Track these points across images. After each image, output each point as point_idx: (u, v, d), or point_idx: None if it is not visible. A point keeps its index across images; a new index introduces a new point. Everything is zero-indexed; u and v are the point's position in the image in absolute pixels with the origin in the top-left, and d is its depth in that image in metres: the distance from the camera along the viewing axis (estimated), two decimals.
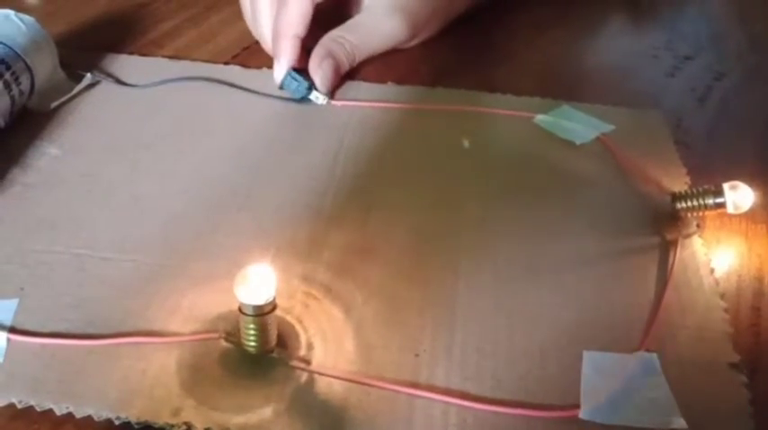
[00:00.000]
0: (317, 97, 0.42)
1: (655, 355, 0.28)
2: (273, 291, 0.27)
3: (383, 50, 0.46)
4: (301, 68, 0.43)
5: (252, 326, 0.27)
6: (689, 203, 0.34)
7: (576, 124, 0.42)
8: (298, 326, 0.29)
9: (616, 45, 0.53)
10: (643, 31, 0.55)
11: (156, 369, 0.27)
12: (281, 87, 0.43)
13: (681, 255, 0.33)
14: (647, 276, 0.32)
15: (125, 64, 0.46)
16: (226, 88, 0.44)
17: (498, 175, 0.38)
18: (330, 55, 0.42)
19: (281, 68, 0.43)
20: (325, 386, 0.27)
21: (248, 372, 0.27)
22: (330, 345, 0.29)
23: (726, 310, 0.30)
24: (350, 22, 0.45)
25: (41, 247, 0.32)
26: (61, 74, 0.43)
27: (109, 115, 0.42)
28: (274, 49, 0.43)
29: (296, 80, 0.42)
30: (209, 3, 0.55)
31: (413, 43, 0.47)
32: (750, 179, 0.35)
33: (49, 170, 0.37)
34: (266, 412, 0.26)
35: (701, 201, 0.34)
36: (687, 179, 0.38)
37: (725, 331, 0.30)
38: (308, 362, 0.28)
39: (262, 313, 0.27)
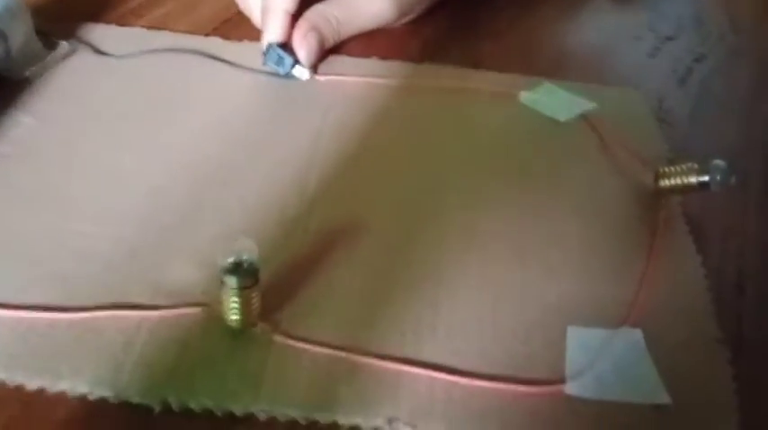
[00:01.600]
0: (302, 72, 0.42)
1: (639, 331, 0.28)
2: (257, 266, 0.26)
3: (369, 29, 0.45)
4: (285, 43, 0.42)
5: (234, 299, 0.26)
6: (672, 181, 0.34)
7: (560, 102, 0.42)
8: (281, 301, 0.29)
9: (599, 25, 0.53)
10: (626, 11, 0.55)
11: (138, 344, 0.27)
12: (265, 63, 0.42)
13: (664, 233, 0.33)
14: (630, 254, 0.32)
15: (103, 33, 0.45)
16: (207, 61, 0.43)
17: (484, 152, 0.38)
18: (315, 29, 0.42)
19: (266, 43, 0.42)
20: (308, 361, 0.27)
21: (231, 347, 0.27)
22: (314, 321, 0.28)
23: (709, 289, 0.31)
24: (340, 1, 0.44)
25: (17, 220, 0.32)
26: (37, 42, 0.42)
27: (86, 85, 0.40)
28: (263, 24, 0.42)
29: (280, 55, 0.41)
30: None
31: (400, 23, 0.47)
32: (732, 158, 0.35)
33: (24, 140, 0.36)
34: (249, 388, 0.26)
35: (684, 180, 0.34)
36: (669, 157, 0.38)
37: (708, 308, 0.30)
38: (291, 336, 0.27)
39: (244, 287, 0.26)
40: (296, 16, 0.43)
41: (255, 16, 0.45)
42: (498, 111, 0.41)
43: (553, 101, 0.41)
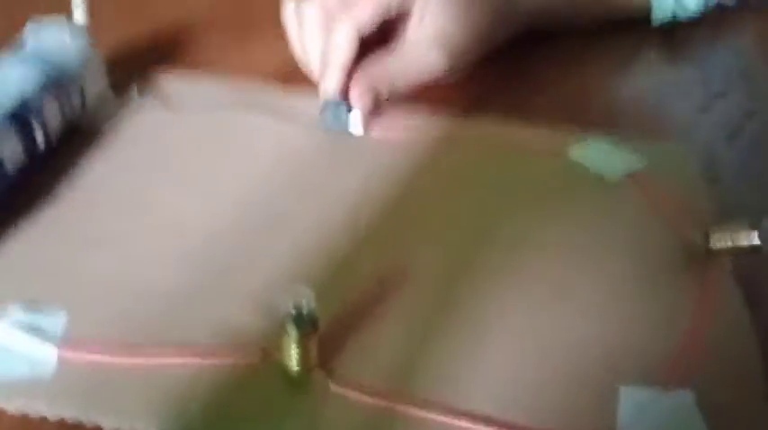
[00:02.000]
0: (356, 128, 0.43)
1: (690, 393, 0.28)
2: (316, 315, 0.28)
3: (422, 82, 0.46)
4: (345, 99, 0.44)
5: (295, 347, 0.28)
6: (722, 243, 0.35)
7: (608, 158, 0.42)
8: (334, 348, 0.30)
9: (649, 79, 0.54)
10: (676, 66, 0.56)
11: (202, 387, 0.28)
12: (322, 119, 0.44)
13: (713, 290, 0.33)
14: (679, 311, 0.33)
15: (170, 84, 0.47)
16: (266, 113, 0.45)
17: (529, 206, 0.39)
18: (372, 88, 0.43)
19: (325, 97, 0.44)
20: (361, 410, 0.28)
21: (289, 393, 0.28)
22: (366, 369, 0.29)
23: (760, 347, 0.31)
24: (396, 52, 0.46)
25: (89, 263, 0.34)
26: (109, 93, 0.44)
27: (154, 135, 0.43)
28: (321, 78, 0.44)
29: (335, 111, 0.43)
30: (253, 26, 0.56)
31: (450, 78, 0.48)
32: None
33: (95, 188, 0.38)
34: None
35: (735, 242, 0.34)
36: (719, 217, 0.38)
37: (759, 368, 0.30)
38: (345, 385, 0.28)
39: (304, 335, 0.28)
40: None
41: (315, 72, 0.47)
42: (545, 166, 0.42)
43: (601, 157, 0.42)
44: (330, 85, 0.43)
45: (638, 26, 0.57)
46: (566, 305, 0.33)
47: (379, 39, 0.47)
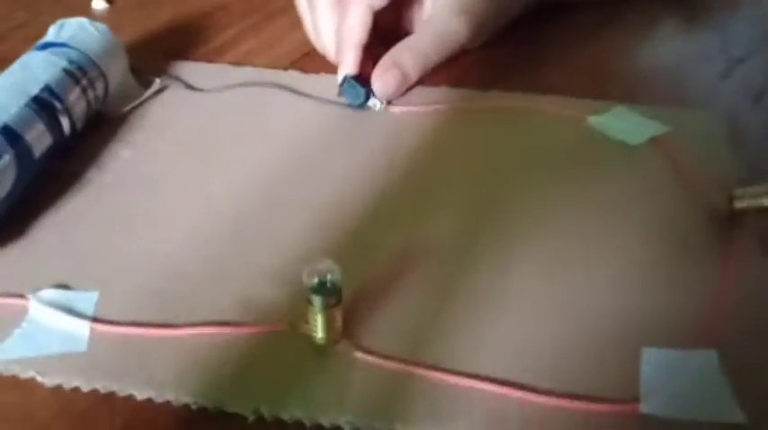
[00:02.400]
0: (375, 104, 0.44)
1: (714, 352, 0.28)
2: (339, 286, 0.28)
3: (450, 55, 0.46)
4: (363, 75, 0.44)
5: (320, 318, 0.28)
6: (746, 203, 0.34)
7: (630, 125, 0.42)
8: (360, 319, 0.30)
9: (668, 46, 0.53)
10: (695, 32, 0.55)
11: (232, 359, 0.29)
12: (342, 94, 0.44)
13: (738, 253, 0.33)
14: (704, 274, 0.32)
15: (190, 70, 0.48)
16: (285, 93, 0.46)
17: (552, 176, 0.39)
18: (396, 65, 0.43)
19: (342, 75, 0.44)
20: (388, 376, 0.28)
21: (316, 362, 0.29)
22: (392, 338, 0.30)
23: None
24: (420, 31, 0.46)
25: (119, 244, 0.34)
26: (131, 79, 0.45)
27: (176, 119, 0.44)
28: (338, 57, 0.44)
29: (354, 87, 0.43)
30: (268, 12, 0.57)
31: (474, 45, 0.48)
32: None
33: (123, 171, 0.39)
34: (335, 401, 0.27)
35: (759, 201, 0.34)
36: (743, 179, 0.38)
37: None
38: (371, 353, 0.29)
39: (329, 305, 0.28)
40: (375, 49, 0.45)
41: (330, 52, 0.47)
42: (567, 135, 0.42)
43: (623, 124, 0.42)
44: (347, 62, 0.44)
45: None
46: (589, 270, 0.33)
47: (390, 18, 0.47)
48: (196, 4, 0.59)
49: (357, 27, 0.43)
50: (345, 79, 0.44)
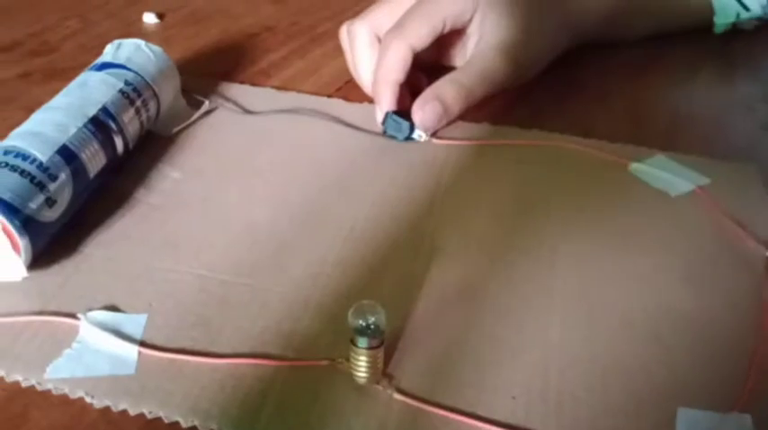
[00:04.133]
0: (420, 135, 0.44)
1: (749, 417, 0.29)
2: (383, 328, 0.29)
3: (494, 92, 0.47)
4: (404, 109, 0.45)
5: (363, 358, 0.29)
6: None
7: (672, 175, 0.42)
8: (400, 359, 0.31)
9: (711, 93, 0.53)
10: (738, 80, 0.55)
11: (274, 392, 0.29)
12: (384, 130, 0.45)
13: None
14: (743, 333, 0.33)
15: (237, 92, 0.49)
16: (331, 121, 0.47)
17: (591, 220, 0.39)
18: (437, 98, 0.44)
19: (381, 112, 0.45)
20: (425, 420, 0.29)
21: (356, 401, 0.29)
22: (430, 379, 0.30)
23: None
24: (463, 67, 0.47)
25: (166, 266, 0.35)
26: (182, 101, 0.46)
27: (223, 141, 0.45)
28: (374, 95, 0.45)
29: (397, 122, 0.44)
30: (314, 35, 0.58)
31: (516, 84, 0.49)
32: None
33: (171, 192, 0.40)
34: None
35: None
36: None
37: None
38: (410, 395, 0.29)
39: (372, 347, 0.29)
40: (416, 81, 0.46)
41: (366, 86, 0.48)
42: (608, 179, 0.43)
43: (665, 173, 0.42)
44: (385, 100, 0.45)
45: (698, 36, 0.57)
46: (629, 322, 0.33)
47: (432, 53, 0.48)
48: (244, 24, 0.60)
49: (396, 66, 0.44)
50: (387, 115, 0.44)
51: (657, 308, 0.34)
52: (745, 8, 0.56)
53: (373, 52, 0.46)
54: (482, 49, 0.47)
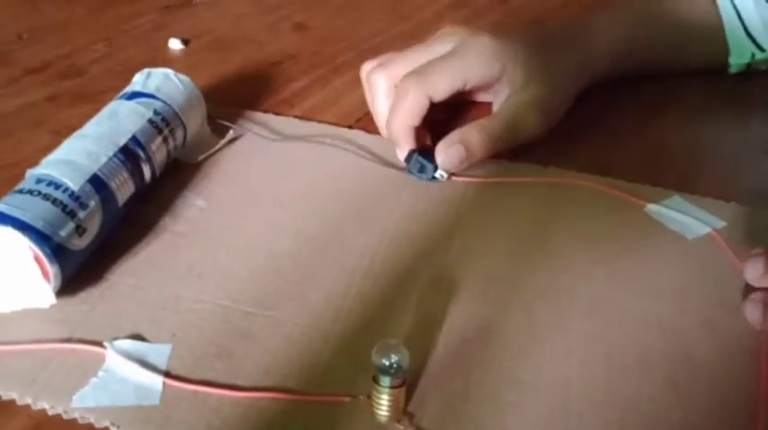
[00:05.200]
0: (442, 175, 0.45)
1: None
2: (406, 367, 0.29)
3: (519, 144, 0.48)
4: (422, 144, 0.46)
5: (385, 397, 0.29)
6: None
7: (688, 217, 0.43)
8: (420, 398, 0.31)
9: (727, 135, 0.54)
10: (755, 122, 0.56)
11: (295, 427, 0.30)
12: (409, 170, 0.45)
13: None
14: (756, 380, 0.33)
15: (261, 121, 0.50)
16: (352, 153, 0.47)
17: (608, 261, 0.40)
18: (462, 141, 0.45)
19: (402, 153, 0.46)
20: None
21: None
22: (450, 419, 0.31)
23: None
24: (493, 116, 0.47)
25: (190, 295, 0.36)
26: (207, 129, 0.47)
27: (247, 170, 0.45)
28: (391, 137, 0.46)
29: (421, 163, 0.45)
30: (335, 65, 0.59)
31: (544, 136, 0.49)
32: None
33: (195, 221, 0.41)
34: None
35: None
36: None
37: None
38: None
39: (395, 386, 0.29)
40: (435, 116, 0.46)
41: (381, 125, 0.48)
42: (624, 220, 0.43)
43: (681, 215, 0.43)
44: (402, 142, 0.45)
45: (713, 76, 0.58)
46: (647, 374, 0.33)
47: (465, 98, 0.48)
48: (267, 52, 0.61)
49: (412, 113, 0.45)
50: (412, 155, 0.45)
51: (674, 354, 0.34)
52: (761, 49, 0.56)
53: (391, 98, 0.47)
54: (513, 104, 0.47)
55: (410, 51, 0.48)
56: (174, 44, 0.61)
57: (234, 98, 0.53)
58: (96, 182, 0.36)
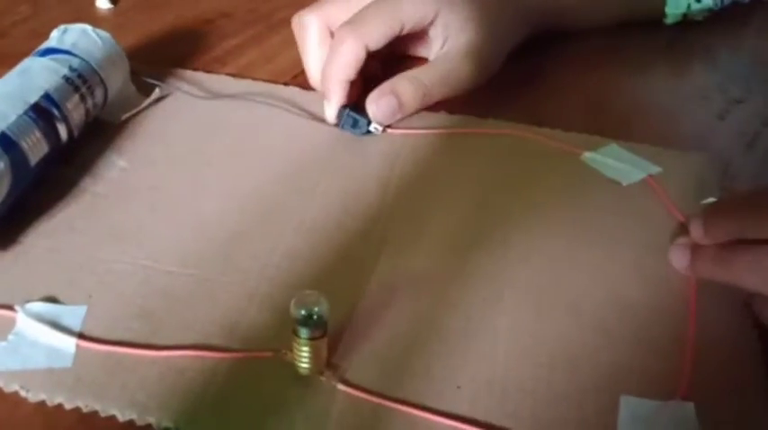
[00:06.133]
0: (376, 128, 0.44)
1: (691, 405, 0.29)
2: (326, 318, 0.28)
3: (455, 94, 0.46)
4: (354, 100, 0.44)
5: (305, 349, 0.28)
6: None
7: (624, 164, 0.42)
8: (345, 350, 0.31)
9: (666, 84, 0.54)
10: (693, 71, 0.56)
11: (215, 384, 0.29)
12: (341, 126, 0.44)
13: (711, 300, 0.34)
14: (686, 322, 0.33)
15: (191, 79, 0.48)
16: (284, 111, 0.46)
17: (543, 210, 0.39)
18: (393, 92, 0.43)
19: (331, 109, 0.44)
20: (369, 411, 0.28)
21: (299, 392, 0.29)
22: (375, 370, 0.30)
23: (763, 362, 0.31)
24: (427, 66, 0.46)
25: (110, 257, 0.35)
26: (131, 87, 0.45)
27: (174, 129, 0.44)
28: (324, 90, 0.44)
29: (354, 118, 0.44)
30: (271, 23, 0.57)
31: (479, 85, 0.48)
32: None
33: (117, 181, 0.39)
34: None
35: None
36: None
37: (760, 377, 0.30)
38: (354, 386, 0.29)
39: (314, 337, 0.28)
40: (369, 70, 0.45)
41: (313, 79, 0.47)
42: (561, 168, 0.42)
43: (617, 162, 0.42)
44: (335, 97, 0.44)
45: (650, 27, 0.57)
46: (576, 311, 0.33)
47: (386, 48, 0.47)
48: (200, 10, 0.59)
49: (349, 64, 0.43)
50: (344, 111, 0.44)
51: (605, 297, 0.34)
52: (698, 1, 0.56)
53: (324, 46, 0.45)
54: (446, 52, 0.46)
55: None
56: (102, 3, 0.58)
57: (163, 57, 0.51)
58: (4, 141, 0.34)
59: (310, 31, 0.45)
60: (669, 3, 0.56)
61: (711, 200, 0.37)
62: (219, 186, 0.40)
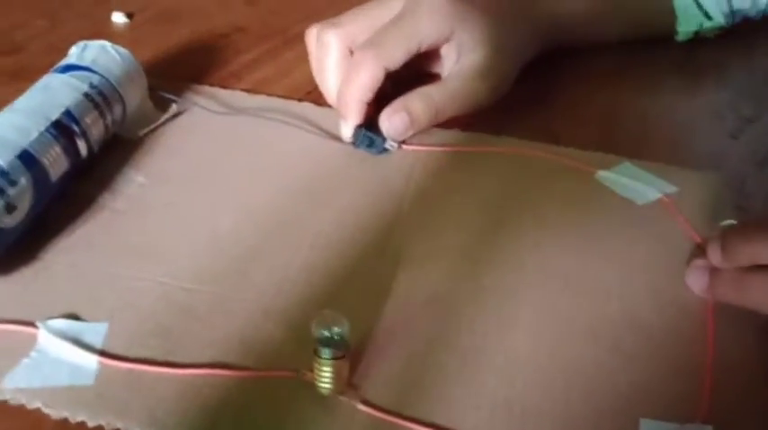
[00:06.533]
0: (391, 146, 0.44)
1: (710, 428, 0.29)
2: (347, 338, 0.29)
3: (466, 112, 0.47)
4: (368, 118, 0.45)
5: (327, 369, 0.29)
6: None
7: (638, 183, 0.42)
8: (364, 370, 0.31)
9: (679, 102, 0.54)
10: (706, 88, 0.56)
11: (233, 403, 0.29)
12: (357, 146, 0.44)
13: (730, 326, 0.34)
14: (703, 344, 0.33)
15: (206, 94, 0.49)
16: (300, 126, 0.46)
17: (557, 229, 0.39)
18: (405, 109, 0.44)
19: (347, 128, 0.44)
20: None
21: (319, 413, 0.29)
22: (394, 390, 0.30)
23: None
24: (439, 83, 0.46)
25: (128, 274, 0.35)
26: (149, 103, 0.46)
27: (191, 145, 0.44)
28: (341, 110, 0.44)
29: (370, 138, 0.44)
30: (286, 38, 0.57)
31: (491, 104, 0.48)
32: None
33: (135, 197, 0.40)
34: None
35: None
36: None
37: None
38: (374, 407, 0.29)
39: (337, 357, 0.29)
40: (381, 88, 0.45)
41: (330, 98, 0.47)
42: (575, 187, 0.43)
43: (631, 181, 0.43)
44: (353, 117, 0.44)
45: (662, 44, 0.57)
46: (592, 332, 0.33)
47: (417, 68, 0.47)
48: (214, 25, 0.59)
49: (368, 86, 0.43)
50: (359, 131, 0.44)
51: (621, 318, 0.34)
52: (708, 18, 0.56)
53: (343, 66, 0.45)
54: (459, 69, 0.46)
55: (362, 9, 0.46)
56: (118, 18, 0.59)
57: (179, 72, 0.51)
58: (26, 157, 0.35)
59: (331, 51, 0.45)
60: (681, 20, 0.56)
61: (730, 222, 0.37)
62: (235, 202, 0.40)
